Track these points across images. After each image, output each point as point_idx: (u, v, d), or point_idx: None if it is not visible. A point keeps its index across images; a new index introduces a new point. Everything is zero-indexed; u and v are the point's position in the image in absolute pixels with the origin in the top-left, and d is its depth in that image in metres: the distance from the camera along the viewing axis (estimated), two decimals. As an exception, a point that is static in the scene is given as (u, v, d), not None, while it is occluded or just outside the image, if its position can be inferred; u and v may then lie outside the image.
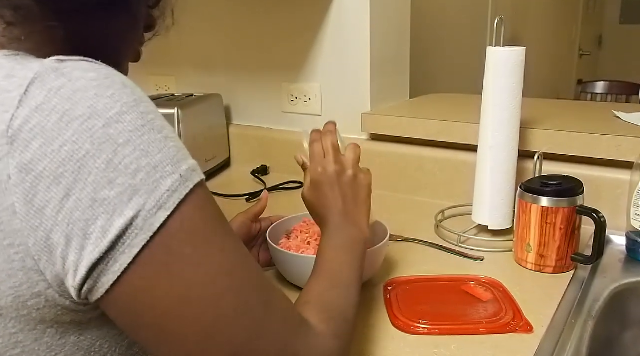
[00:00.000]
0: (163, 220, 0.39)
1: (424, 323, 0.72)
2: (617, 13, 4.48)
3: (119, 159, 0.38)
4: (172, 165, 0.40)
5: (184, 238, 0.40)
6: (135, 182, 0.39)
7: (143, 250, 0.39)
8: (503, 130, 0.94)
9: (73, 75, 0.40)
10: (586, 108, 1.30)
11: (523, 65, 0.92)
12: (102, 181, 0.38)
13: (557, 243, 0.84)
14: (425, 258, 0.92)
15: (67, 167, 0.38)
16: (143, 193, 0.39)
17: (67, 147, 0.38)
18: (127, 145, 0.39)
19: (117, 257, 0.38)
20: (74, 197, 0.38)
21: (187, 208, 0.40)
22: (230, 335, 0.42)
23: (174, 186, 0.40)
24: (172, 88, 1.63)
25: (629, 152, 0.96)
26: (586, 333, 0.71)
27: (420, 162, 1.20)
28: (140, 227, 0.38)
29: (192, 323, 0.41)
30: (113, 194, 0.38)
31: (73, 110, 0.38)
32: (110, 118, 0.39)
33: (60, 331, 0.42)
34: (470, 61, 2.06)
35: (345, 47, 1.27)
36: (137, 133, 0.39)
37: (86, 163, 0.38)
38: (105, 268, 0.39)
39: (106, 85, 0.40)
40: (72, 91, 0.39)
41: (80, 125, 0.38)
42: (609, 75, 3.57)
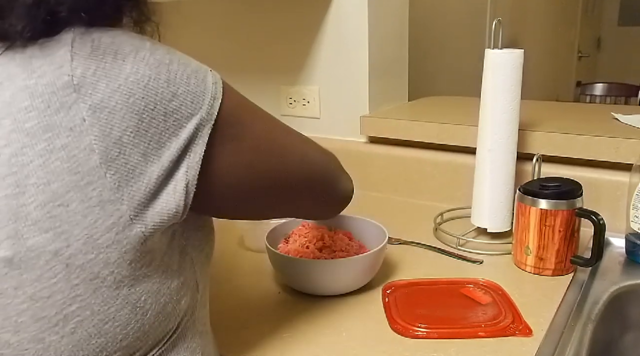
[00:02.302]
0: (219, 106, 0.48)
1: (423, 327, 0.72)
2: (616, 15, 4.48)
3: (174, 75, 0.46)
4: (203, 69, 0.49)
5: (237, 112, 0.51)
6: (190, 87, 0.46)
7: (213, 134, 0.47)
8: (502, 133, 0.94)
9: (100, 31, 0.45)
10: (585, 110, 1.30)
11: (521, 67, 0.92)
12: (168, 96, 0.45)
13: (556, 245, 0.83)
14: (424, 261, 0.92)
15: (137, 95, 0.43)
16: (199, 93, 0.47)
17: (131, 78, 0.43)
18: (172, 63, 0.47)
19: (194, 149, 0.46)
20: (147, 117, 0.44)
21: (228, 92, 0.50)
22: (293, 154, 0.59)
23: (214, 79, 0.49)
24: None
25: (628, 154, 0.96)
26: (586, 336, 0.70)
27: (418, 164, 1.19)
28: (205, 118, 0.47)
29: (272, 158, 0.55)
30: (179, 102, 0.45)
31: (121, 49, 0.44)
32: (151, 48, 0.46)
33: (117, 280, 0.45)
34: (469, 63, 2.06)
35: (343, 50, 1.27)
36: (171, 54, 0.47)
37: (151, 86, 0.44)
38: (189, 163, 0.46)
39: (129, 33, 0.47)
40: (111, 38, 0.45)
41: (133, 58, 0.44)
42: (608, 77, 3.58)
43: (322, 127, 1.35)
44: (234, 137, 0.50)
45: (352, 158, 1.28)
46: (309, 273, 0.78)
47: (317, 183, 0.63)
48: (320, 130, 1.35)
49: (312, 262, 0.79)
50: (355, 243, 0.86)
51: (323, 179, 0.64)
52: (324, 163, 0.65)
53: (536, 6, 3.05)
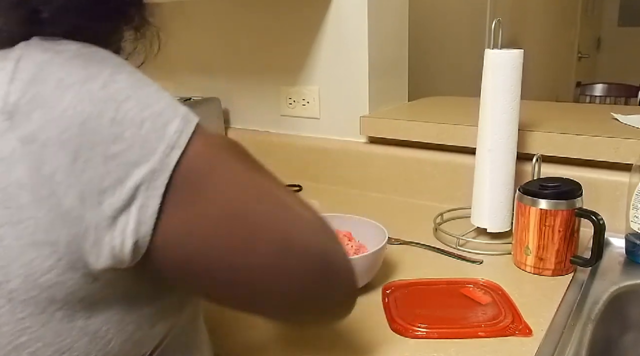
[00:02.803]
0: (178, 157, 0.41)
1: (423, 327, 0.71)
2: (616, 15, 4.48)
3: (123, 114, 0.40)
4: (172, 110, 0.42)
5: (202, 169, 0.42)
6: (142, 131, 0.40)
7: (168, 190, 0.40)
8: (502, 133, 0.94)
9: (59, 48, 0.41)
10: (585, 110, 1.30)
11: (521, 67, 0.92)
12: (110, 137, 0.39)
13: (556, 245, 0.83)
14: (424, 261, 0.92)
15: (72, 131, 0.39)
16: (153, 139, 0.40)
17: (69, 112, 0.39)
18: (127, 101, 0.40)
19: (147, 202, 0.40)
20: (83, 157, 0.39)
21: (196, 142, 0.42)
22: (267, 242, 0.44)
23: (180, 126, 0.42)
24: (170, 92, 1.61)
25: (628, 154, 0.96)
26: (585, 336, 0.70)
27: (418, 164, 1.19)
28: (158, 169, 0.40)
29: (232, 239, 0.43)
30: (123, 147, 0.39)
31: (68, 76, 0.40)
32: (106, 80, 0.40)
33: (69, 314, 0.42)
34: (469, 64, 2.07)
35: (343, 50, 1.27)
36: (134, 88, 0.41)
37: (90, 124, 0.39)
38: (140, 217, 0.40)
39: (92, 52, 0.42)
40: (63, 60, 0.40)
41: (78, 89, 0.39)
42: (608, 77, 3.57)
43: (321, 127, 1.35)
44: (193, 197, 0.41)
45: (351, 159, 1.28)
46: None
47: (299, 281, 0.45)
48: (320, 131, 1.35)
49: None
50: (354, 243, 0.86)
51: (311, 278, 0.46)
52: (315, 255, 0.46)
53: (536, 6, 3.05)
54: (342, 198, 1.25)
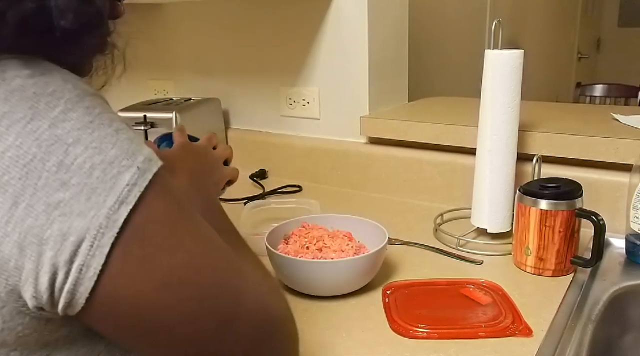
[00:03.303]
0: (126, 214, 0.37)
1: (423, 327, 0.71)
2: (616, 16, 4.48)
3: (71, 159, 0.36)
4: (127, 158, 0.39)
5: (153, 228, 0.39)
6: (91, 180, 0.37)
7: (114, 248, 0.37)
8: (502, 133, 0.94)
9: (8, 74, 0.38)
10: (585, 110, 1.30)
11: (521, 67, 0.92)
12: (55, 184, 0.36)
13: (556, 246, 0.83)
14: (424, 261, 0.92)
15: (13, 174, 0.35)
16: (101, 191, 0.37)
17: (10, 153, 0.36)
18: (77, 144, 0.37)
19: (89, 261, 0.37)
20: (23, 203, 0.36)
21: (150, 198, 0.39)
22: (216, 308, 0.42)
23: (132, 179, 0.38)
24: (171, 92, 1.63)
25: (628, 154, 0.96)
26: (586, 337, 0.70)
27: (418, 165, 1.19)
28: (104, 225, 0.37)
29: (178, 306, 0.40)
30: (68, 195, 0.36)
31: (12, 112, 0.36)
32: (56, 118, 0.37)
33: (25, 354, 0.40)
34: (469, 64, 2.07)
35: (343, 51, 1.27)
36: (87, 130, 0.38)
37: (34, 167, 0.36)
38: (79, 277, 0.37)
39: (44, 82, 0.38)
40: (8, 92, 0.37)
41: (22, 127, 0.36)
42: (608, 78, 3.58)
43: (321, 127, 1.35)
44: (141, 259, 0.38)
45: (351, 159, 1.28)
46: (309, 273, 0.78)
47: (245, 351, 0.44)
48: (320, 131, 1.35)
49: (312, 263, 0.79)
50: (355, 244, 0.85)
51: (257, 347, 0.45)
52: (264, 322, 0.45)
53: (536, 7, 3.05)
54: (342, 199, 1.24)
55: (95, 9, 0.41)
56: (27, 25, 0.38)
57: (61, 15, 0.39)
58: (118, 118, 0.41)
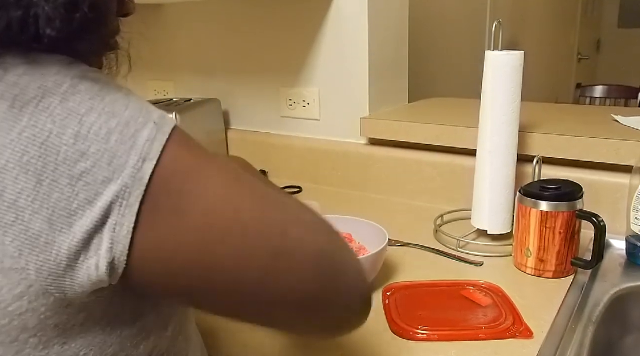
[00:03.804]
0: (151, 169, 0.38)
1: (423, 329, 0.71)
2: (615, 17, 4.49)
3: (86, 128, 0.37)
4: (142, 116, 0.39)
5: (179, 178, 0.39)
6: (109, 145, 0.37)
7: (143, 204, 0.38)
8: (502, 134, 0.94)
9: (13, 62, 0.39)
10: (585, 112, 1.30)
11: (521, 69, 0.92)
12: (74, 155, 0.37)
13: (556, 247, 0.83)
14: (424, 262, 0.92)
15: (32, 153, 0.36)
16: (122, 152, 0.37)
17: (26, 133, 0.36)
18: (90, 113, 0.38)
19: (121, 220, 0.37)
20: (47, 179, 0.36)
21: (171, 151, 0.39)
22: (261, 242, 0.40)
23: (151, 134, 0.39)
24: (171, 93, 1.62)
25: (628, 155, 0.96)
26: (586, 338, 0.70)
27: (418, 166, 1.19)
28: (130, 185, 0.37)
29: (220, 247, 0.39)
30: (89, 164, 0.37)
31: (23, 93, 0.37)
32: (65, 92, 0.38)
33: (43, 341, 0.40)
34: (469, 65, 2.07)
35: (343, 51, 1.27)
36: (97, 98, 0.38)
37: (52, 143, 0.36)
38: (114, 237, 0.38)
39: (49, 63, 0.39)
40: (17, 76, 0.38)
41: (35, 106, 0.37)
42: (608, 79, 3.58)
43: (321, 128, 1.35)
44: (173, 209, 0.39)
45: (351, 160, 1.28)
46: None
47: (300, 287, 0.42)
48: (320, 132, 1.35)
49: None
50: (355, 245, 0.85)
51: (313, 282, 0.42)
52: (316, 257, 0.42)
53: (535, 8, 3.05)
54: (342, 200, 1.24)
55: (84, 15, 0.41)
56: (12, 33, 0.39)
57: (47, 23, 0.39)
58: (124, 87, 0.41)
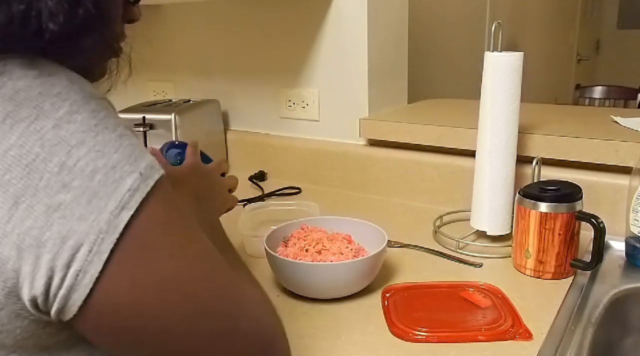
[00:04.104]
0: (127, 220, 0.37)
1: (422, 330, 0.71)
2: (615, 18, 4.49)
3: (73, 161, 0.36)
4: (130, 163, 0.38)
5: (153, 234, 0.39)
6: (93, 183, 0.36)
7: (113, 254, 0.37)
8: (501, 135, 0.94)
9: (14, 74, 0.38)
10: (584, 113, 1.30)
11: (521, 70, 0.92)
12: (56, 185, 0.36)
13: (556, 249, 0.83)
14: (424, 264, 0.92)
15: (15, 173, 0.35)
16: (103, 195, 0.37)
17: (12, 152, 0.35)
18: (81, 146, 0.37)
19: (86, 267, 0.36)
20: (23, 204, 0.35)
21: (151, 204, 0.39)
22: (215, 317, 0.42)
23: (134, 184, 0.38)
24: (170, 93, 1.62)
25: (628, 156, 0.95)
26: (586, 340, 0.70)
27: (418, 167, 1.19)
28: (104, 230, 0.36)
29: (177, 314, 0.40)
30: (69, 198, 0.36)
31: (17, 111, 0.36)
32: (60, 119, 0.37)
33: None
34: (468, 66, 2.07)
35: (342, 53, 1.27)
36: (91, 133, 0.37)
37: (36, 167, 0.35)
38: (74, 283, 0.36)
39: (51, 83, 0.38)
40: (14, 91, 0.37)
41: (26, 127, 0.36)
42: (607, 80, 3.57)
43: (321, 129, 1.35)
44: (137, 268, 0.38)
45: (351, 161, 1.28)
46: (308, 276, 0.78)
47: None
48: (320, 133, 1.35)
49: (311, 265, 0.79)
50: (354, 246, 0.85)
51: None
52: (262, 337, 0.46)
53: (535, 9, 3.05)
54: (341, 201, 1.24)
55: (88, 12, 0.40)
56: (14, 27, 0.38)
57: (50, 18, 0.38)
58: (123, 123, 0.41)
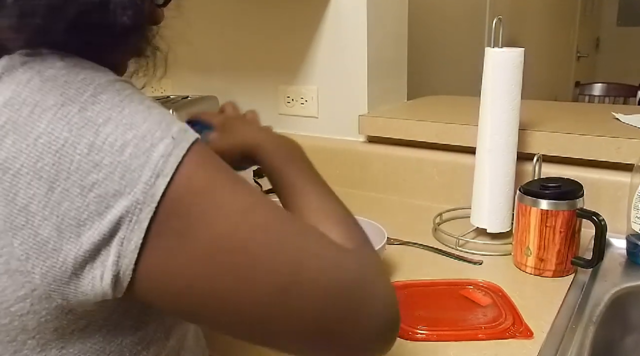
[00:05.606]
0: (164, 187, 0.37)
1: (422, 329, 0.71)
2: (615, 15, 4.48)
3: (102, 139, 0.37)
4: (161, 130, 0.38)
5: (192, 199, 0.38)
6: (123, 158, 0.37)
7: (153, 222, 0.37)
8: (502, 132, 0.93)
9: (42, 66, 0.39)
10: (585, 110, 1.29)
11: (522, 66, 0.91)
12: (87, 166, 0.36)
13: (556, 246, 0.82)
14: (423, 262, 0.91)
15: (46, 160, 0.36)
16: (135, 167, 0.37)
17: (42, 139, 0.36)
18: (108, 123, 0.37)
19: (129, 235, 0.37)
20: (59, 188, 0.36)
21: (188, 168, 0.38)
22: (269, 275, 0.39)
23: (167, 150, 0.38)
24: (168, 90, 1.61)
25: (629, 154, 0.95)
26: (587, 339, 0.69)
27: (418, 164, 1.18)
28: (141, 201, 0.37)
29: (224, 277, 0.39)
30: (102, 176, 0.36)
31: (44, 100, 0.37)
32: (85, 101, 0.38)
33: (42, 343, 0.40)
34: (468, 63, 2.06)
35: (342, 49, 1.26)
36: (117, 109, 0.38)
37: (66, 151, 0.36)
38: (121, 251, 0.37)
39: (76, 72, 0.39)
40: (42, 81, 0.38)
41: (54, 114, 0.37)
42: (607, 77, 3.57)
43: (320, 126, 1.34)
44: (182, 232, 0.38)
45: (350, 158, 1.27)
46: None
47: (313, 320, 0.41)
48: (318, 130, 1.34)
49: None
50: (353, 244, 0.85)
51: (327, 315, 0.41)
52: (331, 290, 0.41)
53: (535, 6, 3.04)
54: (340, 198, 1.23)
55: (148, 8, 0.43)
56: (85, 20, 0.39)
57: (123, 12, 0.40)
58: (150, 98, 0.41)
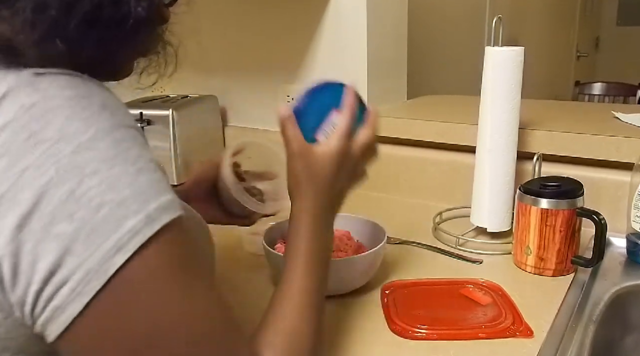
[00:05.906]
0: (120, 264, 0.36)
1: (422, 328, 0.71)
2: (614, 15, 4.48)
3: (83, 190, 0.36)
4: (138, 203, 0.37)
5: (140, 287, 0.37)
6: (96, 218, 0.36)
7: (93, 300, 0.36)
8: (502, 131, 0.93)
9: (48, 93, 0.37)
10: (585, 109, 1.29)
11: (522, 65, 0.91)
12: (61, 214, 0.35)
13: (557, 245, 0.82)
14: (423, 261, 0.91)
15: (27, 194, 0.35)
16: (102, 232, 0.36)
17: (29, 172, 0.35)
18: (93, 176, 0.36)
19: (65, 306, 0.36)
20: (27, 227, 0.35)
21: (150, 251, 0.37)
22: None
23: (137, 227, 0.37)
24: (167, 89, 1.61)
25: (630, 153, 0.95)
26: (587, 338, 0.69)
27: (418, 163, 1.18)
28: (94, 270, 0.35)
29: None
30: (70, 229, 0.35)
31: (42, 131, 0.36)
32: (81, 144, 0.36)
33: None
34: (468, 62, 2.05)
35: (342, 48, 1.26)
36: (107, 164, 0.37)
37: (47, 191, 0.35)
38: (52, 316, 0.36)
39: (82, 106, 0.37)
40: (44, 110, 0.36)
41: (47, 148, 0.35)
42: (606, 76, 3.57)
43: (320, 125, 1.34)
44: (116, 315, 0.37)
45: (350, 157, 1.27)
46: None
47: None
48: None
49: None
50: (353, 243, 0.85)
51: None
52: None
53: (534, 5, 3.04)
54: (340, 197, 1.23)
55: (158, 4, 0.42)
56: (99, 12, 0.39)
57: (137, 3, 0.40)
58: (147, 156, 0.39)
